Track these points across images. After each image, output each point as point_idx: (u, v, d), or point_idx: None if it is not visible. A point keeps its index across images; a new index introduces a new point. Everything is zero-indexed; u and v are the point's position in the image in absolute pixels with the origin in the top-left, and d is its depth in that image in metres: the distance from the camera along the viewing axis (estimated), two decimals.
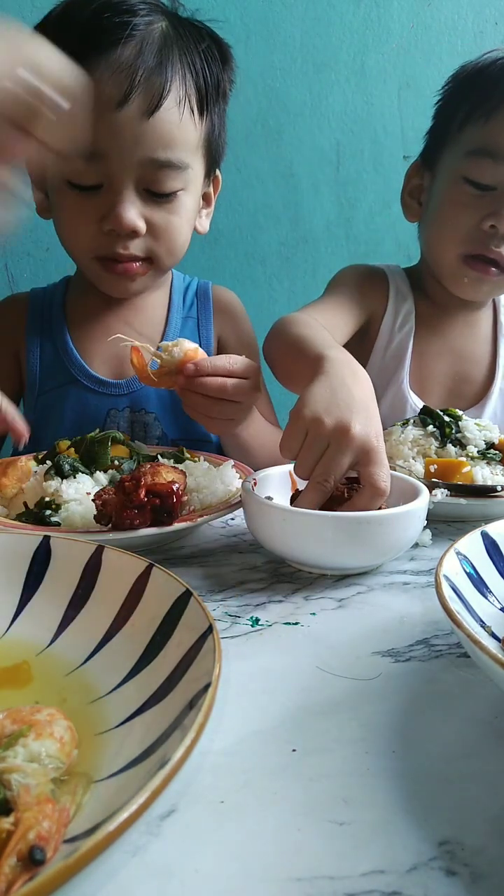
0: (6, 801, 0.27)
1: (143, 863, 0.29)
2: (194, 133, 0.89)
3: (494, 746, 0.37)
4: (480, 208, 0.95)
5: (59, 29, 0.85)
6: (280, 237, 1.55)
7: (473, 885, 0.28)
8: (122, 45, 0.81)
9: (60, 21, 0.85)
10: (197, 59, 0.88)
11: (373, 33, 1.47)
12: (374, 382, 1.16)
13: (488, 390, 1.11)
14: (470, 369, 1.13)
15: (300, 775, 0.34)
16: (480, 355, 1.14)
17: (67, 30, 0.84)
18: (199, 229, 1.02)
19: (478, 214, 0.95)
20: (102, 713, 0.36)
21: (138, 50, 0.82)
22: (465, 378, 1.13)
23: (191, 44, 0.87)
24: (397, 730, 0.38)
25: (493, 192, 0.94)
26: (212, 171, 0.99)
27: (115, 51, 0.81)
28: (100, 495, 0.59)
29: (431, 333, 1.12)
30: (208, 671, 0.33)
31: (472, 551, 0.48)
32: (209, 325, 1.09)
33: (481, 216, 0.95)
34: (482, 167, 0.94)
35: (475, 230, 0.96)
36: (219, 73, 0.91)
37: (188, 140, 0.88)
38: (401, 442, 0.81)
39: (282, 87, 1.45)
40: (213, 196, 1.03)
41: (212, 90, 0.90)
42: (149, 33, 0.83)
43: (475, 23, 1.52)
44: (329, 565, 0.58)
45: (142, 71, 0.81)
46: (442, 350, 1.13)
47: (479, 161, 0.94)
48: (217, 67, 0.91)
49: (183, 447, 0.81)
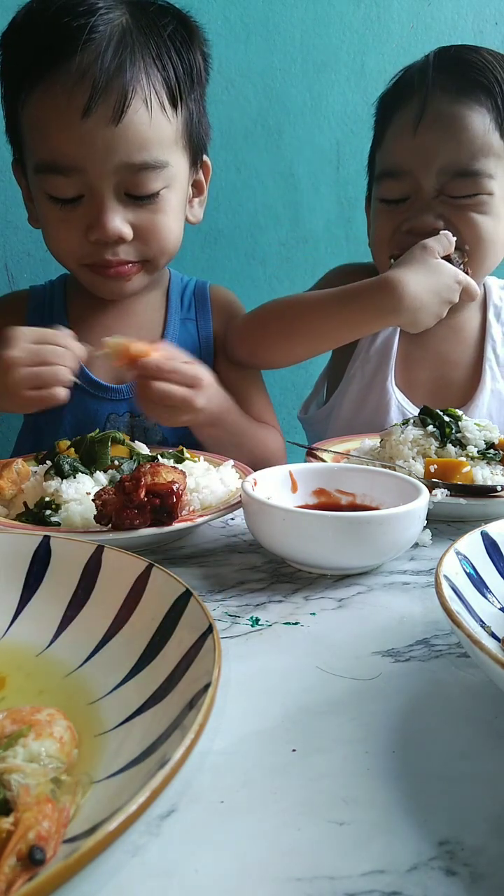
0: (6, 801, 0.27)
1: (143, 863, 0.29)
2: (169, 128, 0.87)
3: (494, 746, 0.37)
4: (395, 219, 1.04)
5: (22, 36, 0.84)
6: (280, 237, 1.55)
7: (473, 885, 0.28)
8: (80, 51, 0.79)
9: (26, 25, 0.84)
10: (163, 51, 0.85)
11: (373, 33, 1.47)
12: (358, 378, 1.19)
13: (472, 394, 1.12)
14: (453, 374, 1.15)
15: (300, 775, 0.34)
16: (464, 360, 1.15)
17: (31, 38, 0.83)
18: (192, 219, 1.01)
19: (394, 224, 1.04)
20: (102, 713, 0.36)
21: (97, 54, 0.79)
22: (448, 383, 1.14)
23: (154, 34, 0.84)
24: (397, 730, 0.38)
25: (405, 202, 1.03)
26: (198, 159, 0.97)
27: (75, 58, 0.79)
28: (100, 495, 0.59)
29: (415, 339, 1.14)
30: (208, 671, 0.33)
31: (472, 551, 0.48)
32: (208, 325, 1.09)
33: (397, 224, 1.03)
34: (387, 186, 1.04)
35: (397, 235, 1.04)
36: (190, 57, 0.88)
37: (163, 137, 0.86)
38: (401, 442, 0.81)
39: (282, 87, 1.45)
40: (204, 183, 1.02)
41: (183, 78, 0.87)
42: (109, 32, 0.81)
43: (475, 23, 1.52)
44: (329, 565, 0.58)
45: (101, 77, 0.79)
46: (425, 355, 1.15)
47: (383, 182, 1.05)
48: (187, 51, 0.88)
49: (183, 447, 0.81)
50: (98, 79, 0.79)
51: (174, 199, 0.91)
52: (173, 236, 0.94)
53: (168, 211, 0.91)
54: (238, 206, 1.49)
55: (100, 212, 0.85)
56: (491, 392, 1.12)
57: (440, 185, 0.99)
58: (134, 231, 0.88)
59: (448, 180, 0.98)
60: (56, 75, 0.80)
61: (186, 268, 1.17)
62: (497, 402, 1.13)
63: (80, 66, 0.79)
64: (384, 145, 1.04)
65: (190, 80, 0.89)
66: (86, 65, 0.79)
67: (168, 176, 0.88)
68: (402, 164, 1.00)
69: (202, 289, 1.11)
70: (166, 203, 0.90)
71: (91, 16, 0.80)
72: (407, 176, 1.00)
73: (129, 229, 0.87)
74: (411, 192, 1.01)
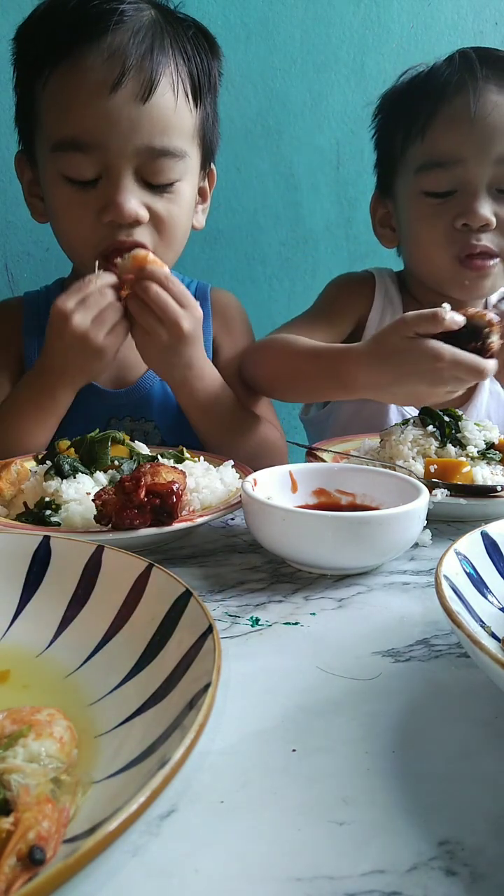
0: (6, 801, 0.27)
1: (143, 863, 0.29)
2: (190, 120, 0.88)
3: (494, 746, 0.37)
4: (447, 213, 1.01)
5: (49, 19, 0.86)
6: (280, 237, 1.55)
7: (473, 885, 0.28)
8: (111, 31, 0.81)
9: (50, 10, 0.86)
10: (188, 45, 0.87)
11: (373, 33, 1.47)
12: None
13: (474, 391, 1.13)
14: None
15: (300, 775, 0.34)
16: None
17: (58, 19, 0.85)
18: (196, 225, 1.01)
19: (447, 219, 1.01)
20: (102, 713, 0.36)
21: (129, 35, 0.82)
22: None
23: (180, 31, 0.87)
24: (397, 730, 0.38)
25: (454, 194, 1.00)
26: (206, 164, 0.98)
27: (106, 37, 0.81)
28: (100, 495, 0.59)
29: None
30: (208, 671, 0.33)
31: (472, 551, 0.48)
32: (208, 328, 1.09)
33: (451, 219, 1.00)
34: (434, 177, 1.01)
35: (451, 233, 1.01)
36: (209, 62, 0.91)
37: (184, 127, 0.87)
38: (401, 442, 0.81)
39: (282, 87, 1.45)
40: (208, 191, 1.03)
41: (204, 78, 0.89)
42: (138, 19, 0.83)
43: (475, 23, 1.52)
44: (329, 565, 0.58)
45: (133, 55, 0.81)
46: None
47: (430, 173, 1.01)
48: (206, 56, 0.90)
49: (183, 447, 0.81)
50: (130, 57, 0.81)
51: (188, 194, 0.92)
52: (182, 231, 0.94)
53: (182, 204, 0.91)
54: (238, 206, 1.49)
55: (116, 192, 0.85)
56: (489, 393, 1.13)
57: (494, 176, 0.98)
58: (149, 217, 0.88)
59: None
60: (85, 53, 0.82)
61: (186, 268, 1.16)
62: (496, 403, 1.13)
63: (112, 45, 0.81)
64: (430, 136, 1.00)
65: (208, 82, 0.91)
66: (117, 44, 0.81)
67: (185, 168, 0.89)
68: (455, 154, 0.98)
69: (203, 291, 1.11)
70: (181, 196, 0.90)
71: (120, 2, 0.82)
72: (459, 166, 0.98)
73: (145, 212, 0.87)
74: (460, 185, 0.99)
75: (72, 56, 0.83)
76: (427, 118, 1.00)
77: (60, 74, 0.84)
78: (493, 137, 0.97)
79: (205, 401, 0.93)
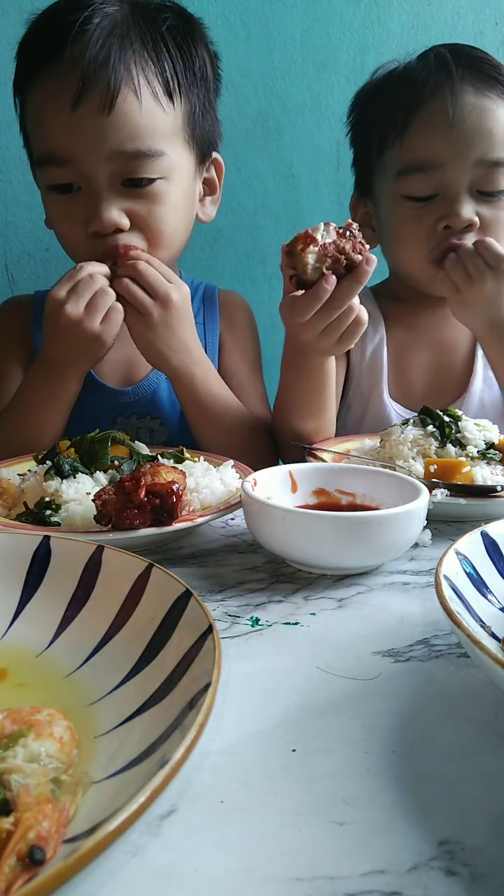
0: (6, 801, 0.27)
1: (143, 863, 0.29)
2: (164, 119, 0.87)
3: (494, 746, 0.37)
4: (428, 216, 1.01)
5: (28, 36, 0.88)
6: (280, 237, 1.54)
7: (473, 885, 0.28)
8: (70, 44, 0.81)
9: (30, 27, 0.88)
10: (159, 44, 0.86)
11: (373, 33, 1.47)
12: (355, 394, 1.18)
13: (469, 379, 1.13)
14: (450, 359, 1.15)
15: (300, 775, 0.34)
16: (460, 344, 1.16)
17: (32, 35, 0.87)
18: (203, 218, 1.00)
19: (429, 222, 1.01)
20: (102, 714, 0.36)
21: (85, 46, 0.81)
22: (446, 368, 1.15)
23: (150, 27, 0.86)
24: (397, 730, 0.38)
25: (435, 198, 1.00)
26: (207, 156, 0.97)
27: (65, 51, 0.81)
28: (100, 495, 0.59)
29: (408, 331, 1.15)
30: (208, 671, 0.33)
31: (472, 551, 0.48)
32: (215, 329, 1.09)
33: (433, 222, 1.00)
34: (415, 182, 1.00)
35: (432, 234, 1.01)
36: (191, 52, 0.89)
37: (156, 127, 0.86)
38: (401, 442, 0.81)
39: (282, 87, 1.45)
40: (216, 182, 1.01)
41: (182, 71, 0.88)
42: (99, 25, 0.82)
43: (475, 23, 1.52)
44: (329, 565, 0.58)
45: (89, 67, 0.81)
46: (419, 344, 1.16)
47: (410, 177, 1.01)
48: (187, 46, 0.89)
49: (183, 447, 0.81)
50: (86, 69, 0.81)
51: (174, 192, 0.91)
52: (169, 229, 0.92)
53: (165, 202, 0.90)
54: (238, 206, 1.49)
55: (96, 202, 0.86)
56: (483, 379, 1.14)
57: (474, 178, 0.98)
58: (132, 220, 0.88)
59: (484, 172, 0.98)
60: (49, 69, 0.83)
61: (186, 268, 1.16)
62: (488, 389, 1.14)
63: (70, 58, 0.81)
64: (409, 141, 1.00)
65: (192, 75, 0.89)
66: (75, 56, 0.81)
67: (165, 167, 0.88)
68: (435, 158, 0.98)
69: (211, 293, 1.12)
70: (163, 194, 0.89)
71: (87, 10, 0.82)
72: (438, 170, 0.98)
73: (125, 219, 0.87)
74: (441, 188, 0.99)
75: (40, 75, 0.84)
76: (404, 122, 1.00)
77: (35, 91, 0.86)
78: (472, 140, 0.97)
79: (203, 388, 0.93)
